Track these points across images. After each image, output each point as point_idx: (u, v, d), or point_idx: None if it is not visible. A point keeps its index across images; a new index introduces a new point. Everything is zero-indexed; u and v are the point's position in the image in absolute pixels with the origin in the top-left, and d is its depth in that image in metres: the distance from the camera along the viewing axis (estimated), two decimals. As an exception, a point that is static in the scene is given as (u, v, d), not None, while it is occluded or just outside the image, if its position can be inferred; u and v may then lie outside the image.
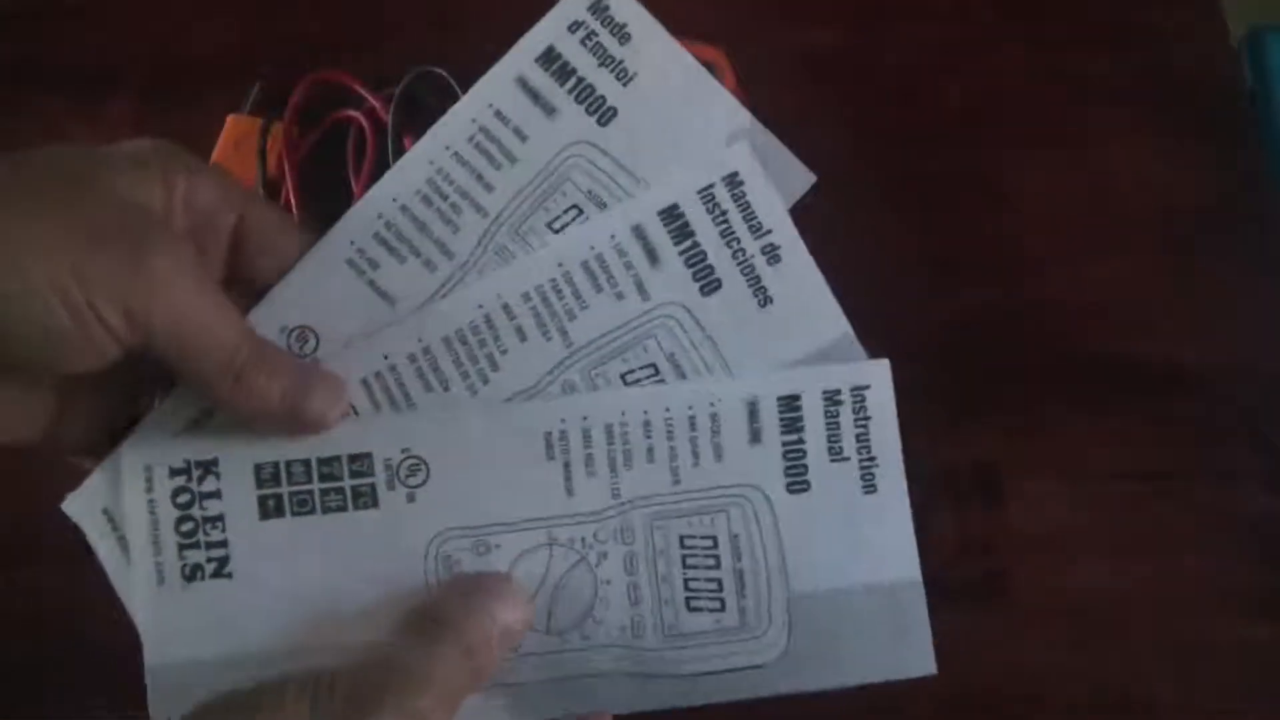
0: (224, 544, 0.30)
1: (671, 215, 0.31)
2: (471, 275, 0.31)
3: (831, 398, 0.31)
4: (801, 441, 0.31)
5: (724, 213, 0.32)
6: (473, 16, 0.46)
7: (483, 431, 0.30)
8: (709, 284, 0.31)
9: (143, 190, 0.27)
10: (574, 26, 0.33)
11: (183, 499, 0.30)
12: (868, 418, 0.31)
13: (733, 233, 0.31)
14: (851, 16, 0.46)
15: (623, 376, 0.31)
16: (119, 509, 0.29)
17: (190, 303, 0.26)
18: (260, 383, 0.28)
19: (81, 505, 0.30)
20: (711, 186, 0.32)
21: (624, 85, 0.32)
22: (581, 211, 0.32)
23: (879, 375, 0.31)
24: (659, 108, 0.32)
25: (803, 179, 0.33)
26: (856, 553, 0.31)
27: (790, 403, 0.31)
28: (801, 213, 0.38)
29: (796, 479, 0.31)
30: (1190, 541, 0.41)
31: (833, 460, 0.31)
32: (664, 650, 0.30)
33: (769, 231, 0.32)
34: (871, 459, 0.31)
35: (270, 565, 0.30)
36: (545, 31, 0.33)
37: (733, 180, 0.32)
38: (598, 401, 0.31)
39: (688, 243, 0.31)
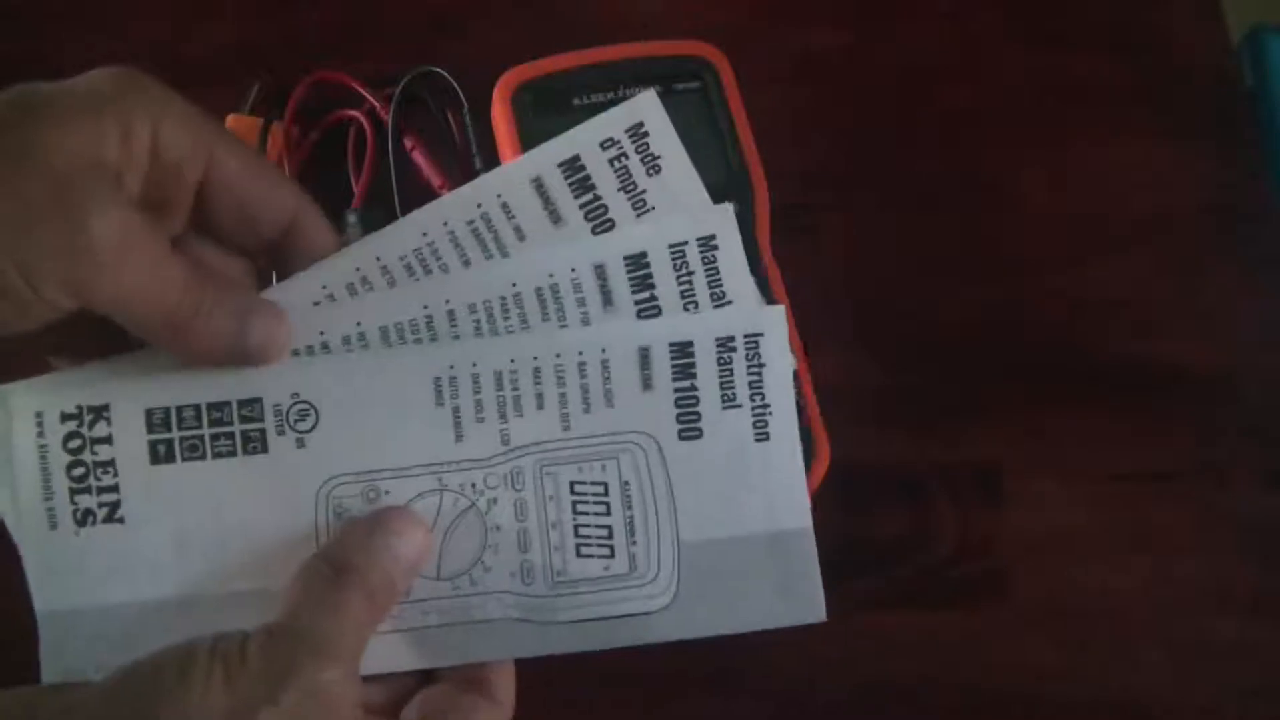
0: (115, 489, 0.29)
1: (637, 263, 0.31)
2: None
3: (725, 344, 0.31)
4: (694, 389, 0.31)
5: (690, 273, 0.31)
6: (473, 16, 0.46)
7: (371, 377, 0.30)
8: None
9: (94, 143, 0.26)
10: (607, 144, 0.32)
11: (74, 444, 0.29)
12: (761, 365, 0.31)
13: (693, 294, 0.31)
14: (851, 16, 0.46)
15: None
16: (9, 454, 0.29)
17: (131, 273, 0.26)
18: (201, 335, 0.28)
19: None
20: (684, 244, 0.31)
21: (638, 215, 0.32)
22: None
23: (773, 321, 0.31)
24: None
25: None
26: (747, 500, 0.31)
27: (683, 349, 0.31)
28: (802, 214, 0.38)
29: (689, 426, 0.31)
30: (1190, 541, 0.41)
31: (725, 407, 0.31)
32: (553, 596, 0.30)
33: (729, 302, 0.31)
34: (765, 406, 0.31)
35: (161, 511, 0.30)
36: (576, 139, 0.32)
37: (707, 243, 0.31)
38: (487, 347, 0.30)
39: (645, 294, 0.31)
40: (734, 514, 0.31)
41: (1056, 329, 0.43)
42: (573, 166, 0.32)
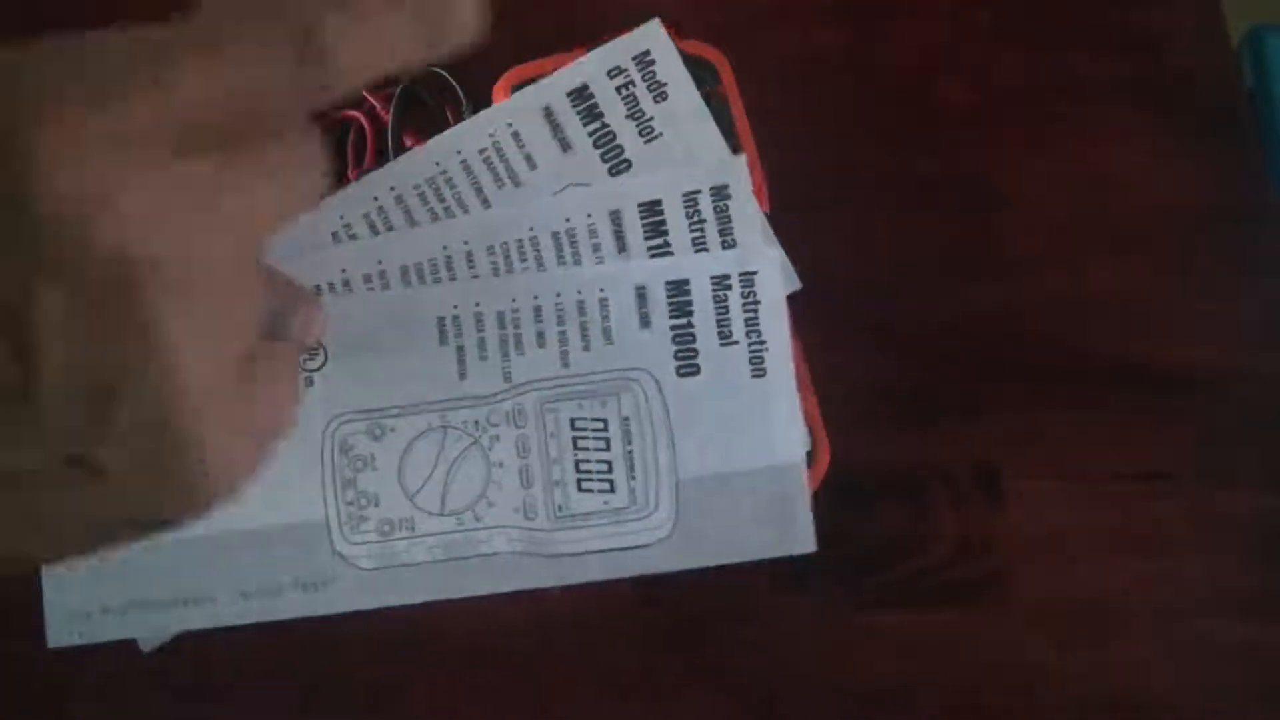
0: None
1: (651, 210, 0.32)
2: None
3: (720, 282, 0.32)
4: (691, 325, 0.31)
5: (702, 220, 0.32)
6: (473, 16, 0.46)
7: (377, 317, 0.31)
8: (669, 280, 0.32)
9: None
10: (614, 72, 0.33)
11: None
12: (757, 302, 0.32)
13: (704, 242, 0.32)
14: (851, 16, 0.46)
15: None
16: None
17: None
18: None
19: None
20: (698, 193, 0.32)
21: (646, 143, 0.32)
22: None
23: (767, 260, 0.32)
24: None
25: (790, 282, 0.34)
26: (745, 435, 0.31)
27: (679, 287, 0.31)
28: (802, 214, 0.38)
29: (686, 362, 0.31)
30: (1190, 541, 0.41)
31: (722, 344, 0.31)
32: (555, 530, 0.31)
33: (738, 247, 0.32)
34: (761, 343, 0.31)
35: None
36: (584, 69, 0.33)
37: (720, 192, 0.32)
38: (490, 287, 0.31)
39: (659, 240, 0.32)
40: (731, 448, 0.31)
41: (1056, 329, 0.43)
42: (581, 95, 0.33)
